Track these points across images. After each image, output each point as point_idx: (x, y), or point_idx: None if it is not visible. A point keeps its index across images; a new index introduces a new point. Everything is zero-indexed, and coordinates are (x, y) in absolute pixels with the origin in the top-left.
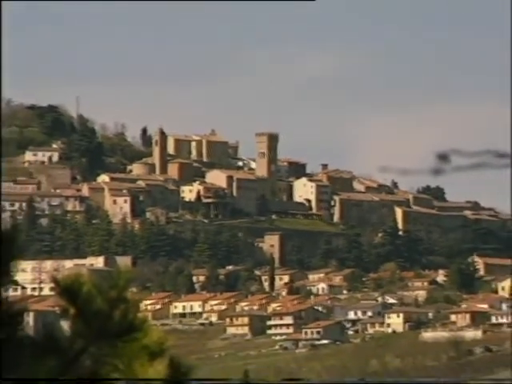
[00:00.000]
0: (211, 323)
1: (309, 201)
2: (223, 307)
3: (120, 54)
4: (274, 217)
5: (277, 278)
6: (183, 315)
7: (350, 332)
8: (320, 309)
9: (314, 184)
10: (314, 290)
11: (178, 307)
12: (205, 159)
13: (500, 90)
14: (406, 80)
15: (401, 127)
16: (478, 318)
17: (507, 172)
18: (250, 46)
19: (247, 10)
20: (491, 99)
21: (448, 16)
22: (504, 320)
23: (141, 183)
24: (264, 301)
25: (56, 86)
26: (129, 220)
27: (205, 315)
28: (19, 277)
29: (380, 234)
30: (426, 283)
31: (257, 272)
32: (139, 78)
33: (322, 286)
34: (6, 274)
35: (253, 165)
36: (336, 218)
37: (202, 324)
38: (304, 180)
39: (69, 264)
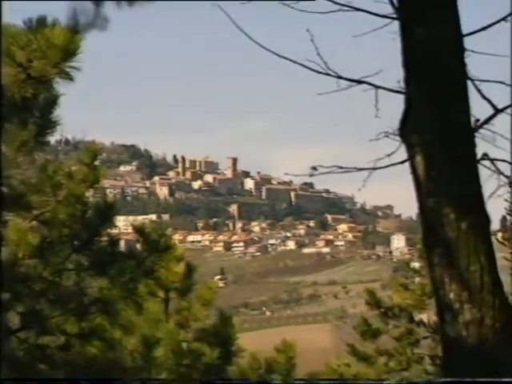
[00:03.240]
0: (205, 245)
1: (251, 189)
2: (211, 238)
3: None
4: (235, 196)
5: (237, 225)
6: (192, 242)
7: (270, 249)
8: (256, 238)
9: (253, 181)
10: (253, 229)
11: (190, 238)
12: (203, 169)
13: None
14: (304, 129)
15: (296, 155)
16: (328, 243)
17: (341, 176)
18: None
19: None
20: (343, 140)
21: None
22: (339, 243)
23: (173, 181)
24: (230, 235)
25: (137, 130)
26: (167, 197)
27: (202, 242)
28: (117, 223)
29: (284, 205)
30: (305, 226)
31: (227, 221)
32: (165, 131)
33: (257, 228)
34: (111, 222)
35: (225, 172)
36: (263, 196)
37: (201, 246)
38: (249, 179)
39: (139, 218)
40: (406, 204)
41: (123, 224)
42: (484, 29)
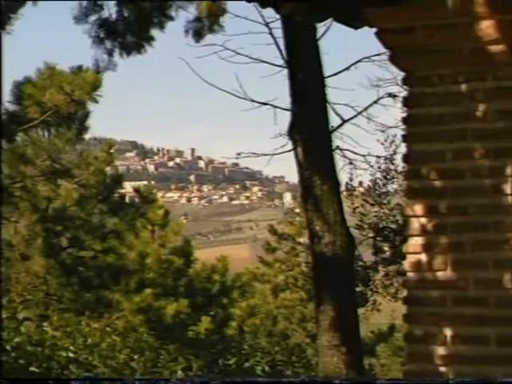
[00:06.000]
0: (175, 199)
1: (202, 167)
2: (179, 195)
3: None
4: (193, 171)
5: (194, 187)
6: (168, 197)
7: (213, 202)
8: (205, 195)
9: (203, 162)
10: (204, 190)
11: (166, 195)
12: (174, 155)
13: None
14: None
15: (229, 146)
16: (247, 198)
17: (255, 158)
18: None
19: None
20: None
21: None
22: (253, 198)
23: (157, 161)
24: (190, 193)
25: (136, 131)
26: (154, 171)
27: (174, 197)
28: (124, 186)
29: (221, 176)
30: (233, 188)
31: (188, 185)
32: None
33: (206, 189)
34: (120, 185)
35: (188, 156)
36: (210, 171)
37: (173, 200)
38: (201, 161)
39: (137, 183)
40: (292, 175)
41: (127, 186)
42: (336, 74)
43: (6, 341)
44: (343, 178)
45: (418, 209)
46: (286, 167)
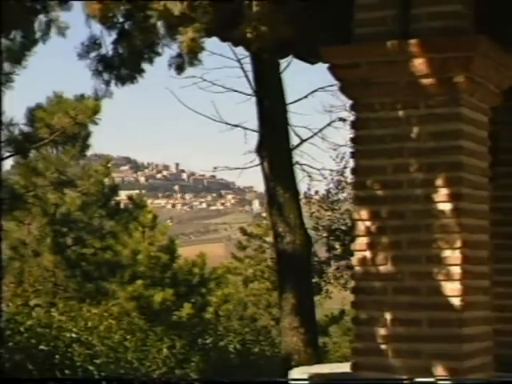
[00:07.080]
0: (162, 205)
1: (185, 178)
2: (165, 201)
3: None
4: (177, 181)
5: (178, 195)
6: (156, 203)
7: (194, 207)
8: (187, 202)
9: (186, 174)
10: (186, 198)
11: (155, 201)
12: (162, 168)
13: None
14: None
15: (205, 161)
16: (222, 204)
17: (229, 171)
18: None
19: None
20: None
21: None
22: (227, 204)
23: (147, 174)
24: (175, 200)
25: (129, 149)
26: (144, 182)
27: (161, 203)
28: (119, 195)
29: (200, 186)
30: (211, 197)
31: (173, 194)
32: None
33: (188, 197)
34: (116, 193)
35: (173, 170)
36: (191, 182)
37: (161, 205)
38: (184, 174)
39: (130, 192)
40: (260, 185)
41: (122, 195)
42: (296, 101)
43: (20, 324)
44: (302, 187)
45: (364, 213)
46: (254, 179)
